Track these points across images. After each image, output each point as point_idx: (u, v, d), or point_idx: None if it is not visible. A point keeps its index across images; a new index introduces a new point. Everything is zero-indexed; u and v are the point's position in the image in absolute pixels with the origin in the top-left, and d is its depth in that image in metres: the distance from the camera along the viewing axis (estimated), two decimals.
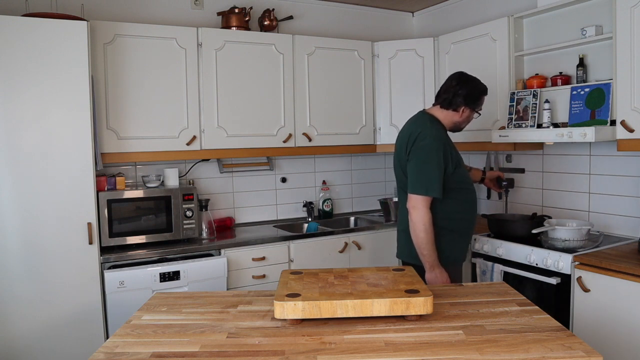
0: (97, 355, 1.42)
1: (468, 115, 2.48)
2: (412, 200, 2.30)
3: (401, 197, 2.50)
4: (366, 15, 4.15)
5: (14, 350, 2.55)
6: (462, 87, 2.42)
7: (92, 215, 2.71)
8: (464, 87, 2.43)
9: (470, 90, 2.43)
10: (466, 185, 2.44)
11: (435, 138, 2.33)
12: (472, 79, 2.48)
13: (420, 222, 2.27)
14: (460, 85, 2.43)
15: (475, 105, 2.48)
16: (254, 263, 3.12)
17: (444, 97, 2.45)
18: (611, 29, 2.62)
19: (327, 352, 1.43)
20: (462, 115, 2.46)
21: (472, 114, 2.50)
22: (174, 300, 1.91)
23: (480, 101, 2.49)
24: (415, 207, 2.28)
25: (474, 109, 2.48)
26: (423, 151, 2.31)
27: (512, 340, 1.48)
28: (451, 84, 2.45)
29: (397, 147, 2.50)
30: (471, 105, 2.45)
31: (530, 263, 2.68)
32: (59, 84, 2.60)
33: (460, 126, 2.53)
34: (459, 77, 2.48)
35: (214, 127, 3.23)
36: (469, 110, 2.47)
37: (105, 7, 3.22)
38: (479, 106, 2.50)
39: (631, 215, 2.88)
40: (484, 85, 2.51)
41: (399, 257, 2.59)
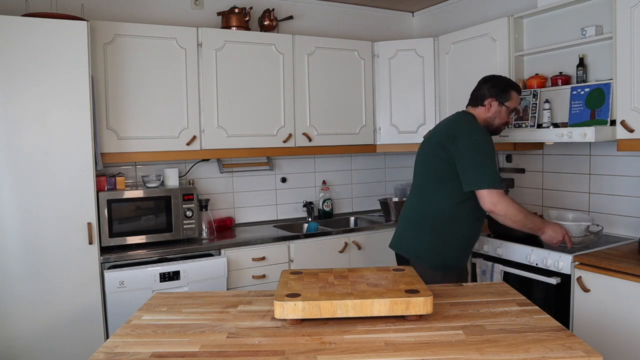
0: (97, 355, 1.42)
1: (497, 109, 2.42)
2: (490, 197, 2.24)
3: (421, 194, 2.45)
4: (366, 15, 4.15)
5: (14, 350, 2.55)
6: (487, 82, 2.46)
7: (92, 215, 2.71)
8: (489, 81, 2.46)
9: (494, 82, 2.45)
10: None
11: (483, 133, 2.34)
12: (498, 75, 2.51)
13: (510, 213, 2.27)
14: (485, 80, 2.48)
15: (502, 97, 2.41)
16: (254, 263, 3.12)
17: (473, 96, 2.49)
18: (611, 29, 2.62)
19: (327, 352, 1.43)
20: (491, 110, 2.42)
21: (501, 108, 2.42)
22: (174, 300, 1.91)
23: (508, 94, 2.42)
24: (496, 203, 2.24)
25: (502, 102, 2.42)
26: (481, 146, 2.28)
27: (512, 340, 1.48)
28: (479, 82, 2.51)
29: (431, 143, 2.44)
30: (497, 97, 2.41)
31: (530, 263, 2.68)
32: (59, 84, 2.60)
33: (494, 124, 2.46)
34: (485, 77, 2.52)
35: (214, 127, 3.23)
36: (497, 103, 2.41)
37: (105, 7, 3.22)
38: (507, 99, 2.42)
39: (631, 215, 2.88)
40: (513, 81, 2.48)
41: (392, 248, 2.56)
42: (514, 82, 2.50)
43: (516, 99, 2.47)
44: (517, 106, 2.48)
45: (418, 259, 2.39)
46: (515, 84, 2.49)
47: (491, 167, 2.26)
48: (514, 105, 2.45)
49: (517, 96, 2.47)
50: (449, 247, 2.37)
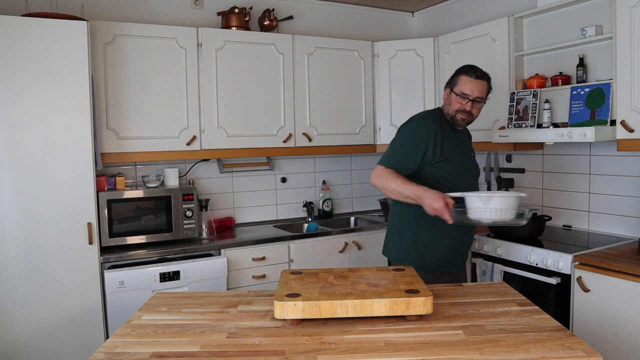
0: (97, 355, 1.42)
1: (447, 97, 2.31)
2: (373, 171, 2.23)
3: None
4: (366, 15, 4.15)
5: (14, 350, 2.55)
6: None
7: (92, 215, 2.71)
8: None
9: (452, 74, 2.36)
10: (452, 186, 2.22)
11: (418, 122, 2.28)
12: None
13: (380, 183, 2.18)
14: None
15: (451, 83, 2.30)
16: (254, 263, 3.12)
17: None
18: (611, 29, 2.62)
19: (327, 352, 1.43)
20: (445, 99, 2.34)
21: (451, 95, 2.29)
22: (174, 300, 1.91)
23: (456, 79, 2.29)
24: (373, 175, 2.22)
25: (451, 89, 2.30)
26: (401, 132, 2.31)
27: (512, 340, 1.48)
28: None
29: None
30: (448, 84, 2.32)
31: (530, 263, 2.68)
32: (59, 84, 2.60)
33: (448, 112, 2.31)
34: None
35: (214, 127, 3.22)
36: (448, 90, 2.31)
37: (105, 7, 3.22)
38: (455, 84, 2.28)
39: (631, 215, 2.88)
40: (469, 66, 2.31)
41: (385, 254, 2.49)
42: (470, 67, 2.29)
43: (466, 83, 2.26)
44: (465, 90, 2.25)
45: (397, 260, 2.35)
46: (472, 69, 2.28)
47: (394, 149, 2.25)
48: (461, 89, 2.26)
49: (468, 79, 2.26)
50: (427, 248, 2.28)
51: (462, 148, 2.37)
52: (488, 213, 2.00)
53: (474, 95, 2.26)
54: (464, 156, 2.37)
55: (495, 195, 2.01)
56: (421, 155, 2.22)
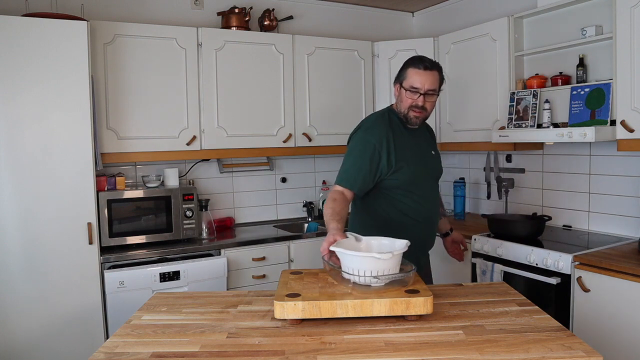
0: (97, 355, 1.42)
1: (398, 93, 2.18)
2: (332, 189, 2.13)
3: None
4: (366, 15, 4.15)
5: (14, 350, 2.55)
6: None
7: (92, 215, 2.71)
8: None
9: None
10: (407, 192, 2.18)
11: (368, 131, 2.16)
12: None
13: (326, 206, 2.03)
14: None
15: (399, 78, 2.17)
16: (254, 263, 3.12)
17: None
18: (611, 29, 2.62)
19: (327, 352, 1.43)
20: (396, 96, 2.21)
21: (401, 90, 2.16)
22: (174, 300, 1.91)
23: (404, 73, 2.15)
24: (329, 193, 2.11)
25: (400, 84, 2.16)
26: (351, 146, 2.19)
27: (512, 340, 1.48)
28: None
29: None
30: (397, 80, 2.19)
31: (530, 263, 2.68)
32: (59, 84, 2.60)
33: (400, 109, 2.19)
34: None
35: (214, 127, 3.22)
36: (398, 85, 2.18)
37: (105, 7, 3.22)
38: (403, 78, 2.14)
39: (631, 215, 2.88)
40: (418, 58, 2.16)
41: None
42: (418, 58, 2.15)
43: (414, 75, 2.11)
44: (414, 84, 2.11)
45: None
46: (417, 58, 2.15)
47: (348, 166, 2.13)
48: (409, 83, 2.12)
49: (417, 72, 2.11)
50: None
51: (418, 149, 2.25)
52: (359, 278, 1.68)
53: (425, 89, 2.11)
54: (421, 158, 2.25)
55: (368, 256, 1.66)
56: (375, 166, 2.12)
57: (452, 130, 3.57)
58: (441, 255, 3.12)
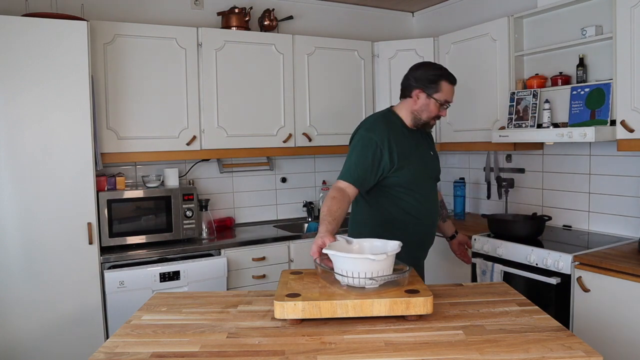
0: (97, 355, 1.42)
1: (425, 102, 2.19)
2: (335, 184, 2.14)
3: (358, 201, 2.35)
4: (366, 15, 4.15)
5: (14, 350, 2.55)
6: (414, 71, 2.25)
7: (92, 215, 2.71)
8: (416, 70, 2.25)
9: (423, 71, 2.22)
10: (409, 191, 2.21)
11: (370, 131, 2.19)
12: (426, 63, 2.31)
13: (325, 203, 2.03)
14: (412, 70, 2.26)
15: (430, 88, 2.18)
16: (254, 263, 3.12)
17: (401, 86, 2.29)
18: (611, 29, 2.62)
19: (327, 352, 1.43)
20: (418, 102, 2.20)
21: (429, 101, 2.19)
22: (174, 300, 1.91)
23: (436, 86, 2.18)
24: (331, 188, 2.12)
25: (430, 94, 2.18)
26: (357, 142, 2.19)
27: (512, 340, 1.48)
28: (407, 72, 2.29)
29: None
30: (423, 86, 2.18)
31: (530, 263, 2.68)
32: (59, 84, 2.60)
33: (420, 117, 2.23)
34: (415, 64, 2.30)
35: (214, 127, 3.22)
36: (424, 94, 2.19)
37: (105, 7, 3.22)
38: (436, 90, 2.18)
39: (631, 215, 2.88)
40: (445, 70, 2.23)
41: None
42: (446, 70, 2.22)
43: (448, 90, 2.20)
44: (448, 98, 2.20)
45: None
46: (447, 73, 2.21)
47: (352, 163, 2.15)
48: (444, 97, 2.19)
49: (449, 87, 2.20)
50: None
51: (418, 149, 2.27)
52: (354, 280, 1.66)
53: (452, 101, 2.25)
54: (421, 159, 2.28)
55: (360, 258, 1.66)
56: (377, 163, 2.14)
57: (452, 130, 3.57)
58: (441, 255, 3.12)
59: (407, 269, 1.75)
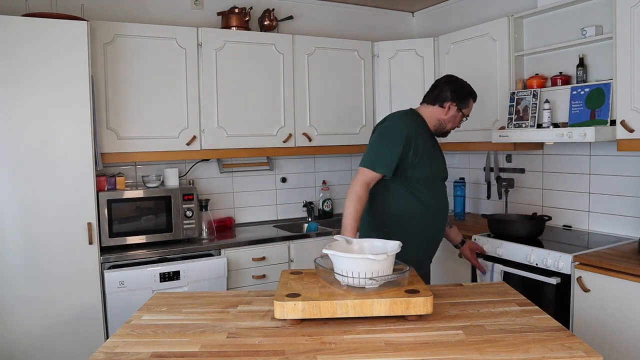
0: (97, 355, 1.42)
1: (454, 114, 2.41)
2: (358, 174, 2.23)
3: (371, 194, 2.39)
4: (366, 15, 4.15)
5: (14, 350, 2.55)
6: (451, 84, 2.42)
7: (92, 215, 2.71)
8: (453, 84, 2.42)
9: (458, 87, 2.41)
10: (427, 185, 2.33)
11: (399, 121, 2.33)
12: (458, 78, 2.47)
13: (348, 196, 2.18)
14: (449, 82, 2.43)
15: (462, 104, 2.40)
16: (254, 263, 3.12)
17: (432, 94, 2.44)
18: (611, 29, 2.62)
19: (327, 352, 1.43)
20: (448, 113, 2.39)
21: (457, 113, 2.41)
22: (174, 300, 1.91)
23: (467, 102, 2.43)
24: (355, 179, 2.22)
25: (460, 108, 2.40)
26: (379, 132, 2.31)
27: (512, 340, 1.48)
28: (440, 81, 2.46)
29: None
30: (457, 102, 2.39)
31: (530, 263, 2.68)
32: (59, 84, 2.60)
33: (445, 126, 2.44)
34: (448, 76, 2.49)
35: (214, 127, 3.23)
36: (455, 108, 2.39)
37: (105, 7, 3.22)
38: (465, 106, 2.43)
39: (631, 215, 2.88)
40: (474, 90, 2.47)
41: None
42: (474, 92, 2.48)
43: (471, 107, 2.48)
44: (469, 113, 2.48)
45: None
46: (474, 91, 2.47)
47: (376, 148, 2.26)
48: (468, 112, 2.47)
49: (473, 104, 2.49)
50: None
51: (434, 149, 2.43)
52: (355, 280, 1.67)
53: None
54: (436, 158, 2.42)
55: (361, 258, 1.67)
56: (400, 151, 2.24)
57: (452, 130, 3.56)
58: (441, 255, 3.11)
59: (407, 269, 1.75)
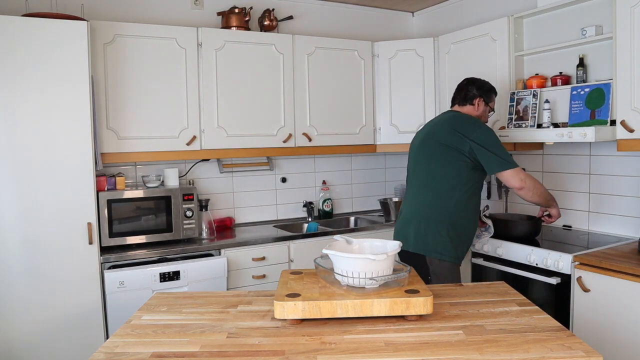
0: (97, 355, 1.42)
1: (484, 109, 2.64)
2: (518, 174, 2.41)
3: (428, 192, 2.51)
4: (366, 15, 4.15)
5: (14, 350, 2.55)
6: (474, 83, 2.66)
7: (92, 215, 2.71)
8: (476, 82, 2.66)
9: (480, 84, 2.66)
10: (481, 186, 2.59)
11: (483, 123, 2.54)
12: (481, 79, 2.72)
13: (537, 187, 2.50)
14: (471, 82, 2.67)
15: (488, 98, 2.65)
16: (254, 263, 3.12)
17: (460, 96, 2.66)
18: (611, 29, 2.62)
19: (327, 352, 1.43)
20: (479, 109, 2.62)
21: (486, 108, 2.66)
22: (174, 300, 1.91)
23: (492, 95, 2.68)
24: (524, 178, 2.43)
25: (487, 102, 2.64)
26: (491, 134, 2.45)
27: (512, 340, 1.48)
28: (462, 84, 2.69)
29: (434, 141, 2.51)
30: (484, 96, 2.63)
31: (530, 263, 2.68)
32: (59, 84, 2.60)
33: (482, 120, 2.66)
34: (468, 78, 2.72)
35: (214, 127, 3.23)
36: (483, 103, 2.63)
37: (105, 7, 3.22)
38: (491, 100, 2.67)
39: (631, 215, 2.88)
40: (494, 86, 2.73)
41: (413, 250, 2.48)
42: (492, 85, 2.73)
43: (494, 101, 2.73)
44: (494, 106, 2.74)
45: (437, 253, 2.44)
46: (494, 87, 2.73)
47: (506, 151, 2.45)
48: (494, 105, 2.72)
49: (495, 98, 2.73)
50: (462, 240, 2.50)
51: None
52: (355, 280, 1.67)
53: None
54: None
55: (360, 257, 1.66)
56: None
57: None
58: None
59: (407, 268, 1.75)
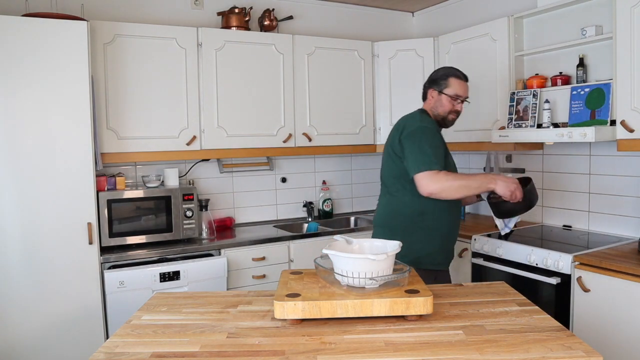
0: (97, 355, 1.42)
1: (437, 98, 2.39)
2: (423, 180, 2.17)
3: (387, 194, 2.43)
4: (366, 15, 4.15)
5: (14, 350, 2.55)
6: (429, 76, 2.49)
7: (92, 215, 2.71)
8: (430, 74, 2.49)
9: (433, 74, 2.47)
10: None
11: (423, 122, 2.32)
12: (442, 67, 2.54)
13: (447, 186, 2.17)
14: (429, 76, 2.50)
15: (440, 85, 2.38)
16: (254, 263, 3.12)
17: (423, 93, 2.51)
18: (611, 29, 2.62)
19: (327, 352, 1.43)
20: (432, 101, 2.41)
21: (441, 97, 2.38)
22: (174, 300, 1.91)
23: (446, 82, 2.38)
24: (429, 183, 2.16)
25: (440, 90, 2.38)
26: (414, 135, 2.26)
27: (512, 340, 1.48)
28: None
29: (387, 142, 2.45)
30: (434, 86, 2.40)
31: (530, 263, 2.68)
32: (59, 84, 2.60)
33: (439, 113, 2.40)
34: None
35: (214, 127, 3.22)
36: (436, 92, 2.39)
37: (105, 7, 3.22)
38: (446, 86, 2.37)
39: (631, 215, 2.88)
40: (454, 69, 2.43)
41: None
42: (456, 70, 2.43)
43: (457, 85, 2.39)
44: (458, 92, 2.38)
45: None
46: (458, 71, 2.42)
47: (424, 151, 2.21)
48: (454, 91, 2.38)
49: (459, 82, 2.39)
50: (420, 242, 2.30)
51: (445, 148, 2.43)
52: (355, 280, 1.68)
53: (465, 96, 2.42)
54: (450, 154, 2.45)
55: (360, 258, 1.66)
56: (443, 150, 2.30)
57: (452, 130, 3.54)
58: None
59: (407, 268, 1.75)
